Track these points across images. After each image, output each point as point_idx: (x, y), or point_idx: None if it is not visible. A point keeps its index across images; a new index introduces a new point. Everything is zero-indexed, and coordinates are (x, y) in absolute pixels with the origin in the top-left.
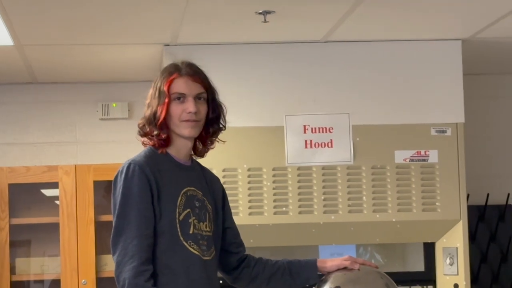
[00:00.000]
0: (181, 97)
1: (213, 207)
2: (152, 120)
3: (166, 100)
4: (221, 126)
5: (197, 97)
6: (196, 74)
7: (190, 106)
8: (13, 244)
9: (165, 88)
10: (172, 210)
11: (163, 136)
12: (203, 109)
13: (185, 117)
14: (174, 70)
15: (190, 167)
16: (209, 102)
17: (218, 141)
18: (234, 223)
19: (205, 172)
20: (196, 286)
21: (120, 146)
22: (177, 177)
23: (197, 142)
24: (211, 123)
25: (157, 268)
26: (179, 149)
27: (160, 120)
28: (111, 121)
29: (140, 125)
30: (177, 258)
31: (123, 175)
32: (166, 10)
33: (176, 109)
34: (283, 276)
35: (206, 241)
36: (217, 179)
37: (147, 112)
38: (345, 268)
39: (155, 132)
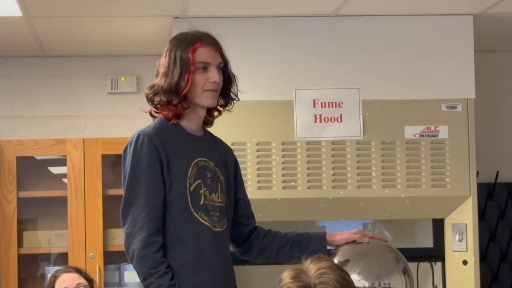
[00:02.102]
0: (205, 66)
1: (225, 178)
2: (173, 89)
3: (192, 68)
4: (235, 96)
5: (218, 67)
6: (217, 43)
7: (215, 75)
8: (20, 218)
9: (191, 56)
10: (183, 180)
11: (185, 106)
12: (221, 79)
13: (208, 86)
14: (195, 39)
15: (202, 137)
16: (224, 72)
17: (228, 111)
18: (246, 194)
19: (218, 143)
20: (206, 258)
21: (128, 120)
22: (188, 148)
23: (214, 112)
24: (227, 93)
25: (167, 239)
26: (191, 120)
27: (186, 90)
28: (120, 95)
29: (150, 95)
30: (187, 229)
31: (132, 146)
32: None
33: (200, 78)
34: (291, 248)
35: (219, 212)
36: (230, 150)
37: (165, 81)
38: (354, 242)
39: (175, 102)
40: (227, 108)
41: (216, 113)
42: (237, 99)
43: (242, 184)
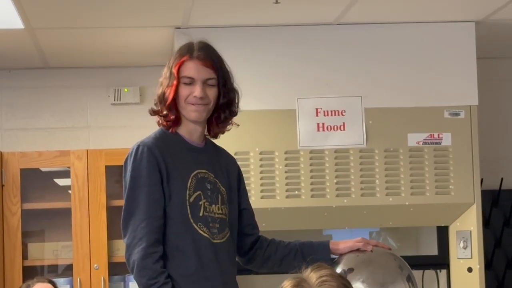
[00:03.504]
0: (190, 82)
1: (227, 189)
2: (161, 99)
3: (175, 82)
4: (232, 111)
5: (206, 82)
6: (207, 58)
7: (197, 90)
8: (25, 230)
9: (175, 70)
10: (182, 192)
11: (171, 117)
12: (212, 93)
13: (191, 100)
14: (186, 52)
15: (203, 149)
16: (220, 87)
17: (231, 124)
18: (250, 204)
19: (220, 153)
20: (206, 269)
21: (132, 131)
22: (188, 159)
23: (212, 125)
24: (222, 109)
25: (167, 250)
26: (190, 131)
27: (168, 102)
28: (123, 106)
29: (154, 103)
30: (187, 240)
31: (132, 158)
32: None
33: (184, 91)
34: (295, 257)
35: (219, 224)
36: (233, 160)
37: (158, 91)
38: (358, 250)
39: (164, 112)
40: (224, 123)
41: (219, 128)
42: (235, 114)
43: (245, 194)
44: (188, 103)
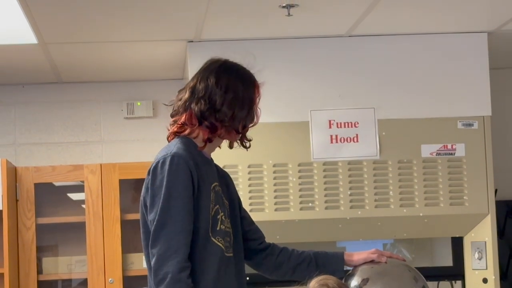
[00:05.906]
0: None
1: (228, 201)
2: (239, 119)
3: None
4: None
5: None
6: None
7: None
8: (39, 244)
9: (258, 96)
10: (208, 205)
11: (222, 135)
12: None
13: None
14: (254, 78)
15: (210, 160)
16: None
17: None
18: (246, 211)
19: (217, 166)
20: (223, 283)
21: (145, 145)
22: (207, 172)
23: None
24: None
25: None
26: (213, 146)
27: (252, 124)
28: (136, 120)
29: (202, 108)
30: (206, 254)
31: (165, 167)
32: (190, 6)
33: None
34: (309, 266)
35: (229, 237)
36: (226, 172)
37: (227, 108)
38: (372, 261)
39: (235, 126)
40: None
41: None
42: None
43: (241, 202)
44: None
